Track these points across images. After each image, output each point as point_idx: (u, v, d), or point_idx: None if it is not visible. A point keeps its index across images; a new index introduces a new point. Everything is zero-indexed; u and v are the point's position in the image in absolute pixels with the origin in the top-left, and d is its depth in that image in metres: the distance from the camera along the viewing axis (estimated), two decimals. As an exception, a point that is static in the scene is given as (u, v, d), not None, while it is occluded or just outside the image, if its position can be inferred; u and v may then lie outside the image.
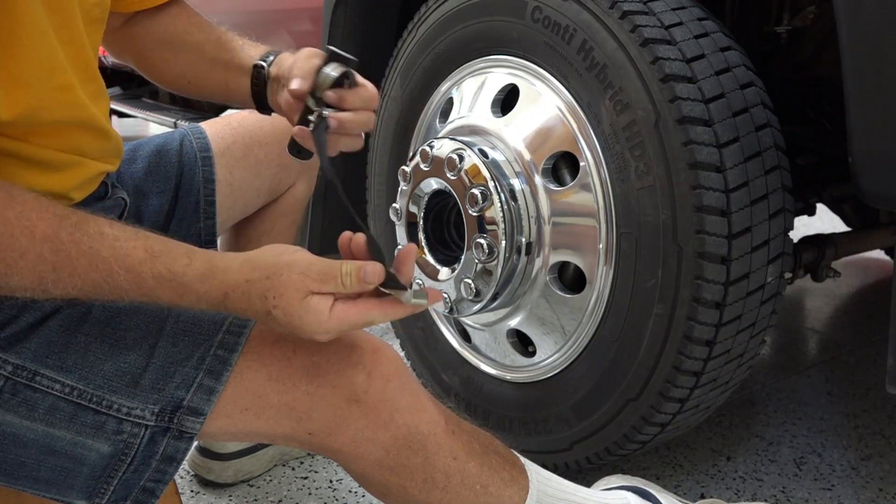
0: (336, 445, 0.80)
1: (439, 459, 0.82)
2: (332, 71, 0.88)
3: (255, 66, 1.00)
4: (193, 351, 0.78)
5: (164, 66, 1.08)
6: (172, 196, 1.10)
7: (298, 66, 0.91)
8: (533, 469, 0.91)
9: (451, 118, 1.35)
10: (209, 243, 1.12)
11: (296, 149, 0.93)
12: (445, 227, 1.35)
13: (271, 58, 0.99)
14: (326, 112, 0.88)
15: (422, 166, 1.28)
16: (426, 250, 1.33)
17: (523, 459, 0.91)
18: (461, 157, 1.21)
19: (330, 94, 0.88)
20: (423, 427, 0.81)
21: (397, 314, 0.75)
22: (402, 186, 1.34)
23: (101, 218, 0.72)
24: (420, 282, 1.32)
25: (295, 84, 0.88)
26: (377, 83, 1.55)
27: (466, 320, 1.36)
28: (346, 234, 0.78)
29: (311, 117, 0.88)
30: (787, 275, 1.15)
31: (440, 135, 1.34)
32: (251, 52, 1.02)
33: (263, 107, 1.02)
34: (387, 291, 0.74)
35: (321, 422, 0.79)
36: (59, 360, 0.75)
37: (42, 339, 0.76)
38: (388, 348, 0.83)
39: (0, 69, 0.73)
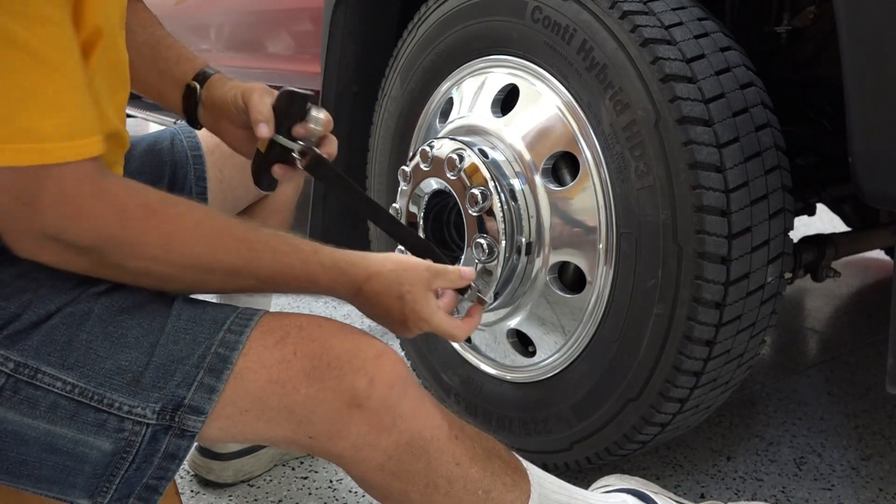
0: (337, 450, 0.80)
1: (442, 465, 0.82)
2: (318, 114, 0.95)
3: (188, 86, 1.03)
4: (194, 349, 0.78)
5: None
6: None
7: (256, 108, 0.95)
8: (535, 473, 0.91)
9: (451, 118, 1.35)
10: None
11: (266, 182, 0.98)
12: (445, 227, 1.35)
13: (204, 78, 1.03)
14: (315, 148, 0.95)
15: (422, 166, 1.28)
16: (426, 250, 1.33)
17: (525, 463, 0.91)
18: (461, 157, 1.21)
19: (314, 130, 0.96)
20: (425, 433, 0.81)
21: (472, 330, 0.94)
22: (402, 186, 1.34)
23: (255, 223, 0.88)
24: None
25: (263, 130, 0.94)
26: (377, 83, 1.56)
27: (466, 320, 1.36)
28: None
29: (295, 154, 0.94)
30: (787, 275, 1.15)
31: (440, 135, 1.34)
32: (185, 67, 1.05)
33: (193, 122, 1.06)
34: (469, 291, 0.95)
35: (322, 426, 0.79)
36: (61, 358, 0.75)
37: (44, 337, 0.75)
38: (392, 353, 0.82)
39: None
